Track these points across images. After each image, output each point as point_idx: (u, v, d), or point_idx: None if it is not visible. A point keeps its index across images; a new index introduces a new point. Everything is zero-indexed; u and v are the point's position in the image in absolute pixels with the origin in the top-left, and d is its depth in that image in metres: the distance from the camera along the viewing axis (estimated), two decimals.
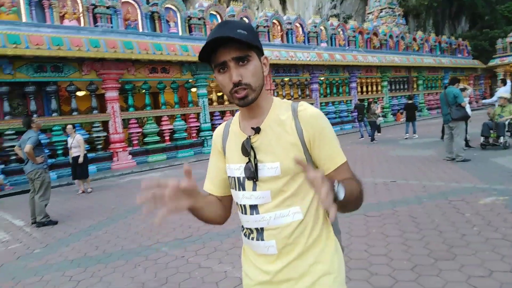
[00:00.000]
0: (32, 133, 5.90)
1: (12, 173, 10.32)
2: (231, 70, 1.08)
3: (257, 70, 1.11)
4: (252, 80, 1.09)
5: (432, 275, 2.98)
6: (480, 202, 4.82)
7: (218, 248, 4.10)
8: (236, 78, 1.07)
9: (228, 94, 1.12)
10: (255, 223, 1.16)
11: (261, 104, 1.17)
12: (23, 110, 11.40)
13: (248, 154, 1.14)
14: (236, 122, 1.25)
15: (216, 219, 1.25)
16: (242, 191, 1.17)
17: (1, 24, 10.02)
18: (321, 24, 19.82)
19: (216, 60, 1.09)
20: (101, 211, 6.51)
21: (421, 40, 26.51)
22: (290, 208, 1.12)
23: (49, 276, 3.76)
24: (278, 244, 1.12)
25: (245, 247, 1.27)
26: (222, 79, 1.10)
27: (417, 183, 6.30)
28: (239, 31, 1.05)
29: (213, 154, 1.32)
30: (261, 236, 1.15)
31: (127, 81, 12.68)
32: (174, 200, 0.99)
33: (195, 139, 14.46)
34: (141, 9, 13.09)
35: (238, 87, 1.08)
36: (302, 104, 1.18)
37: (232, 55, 1.06)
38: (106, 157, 12.22)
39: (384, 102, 22.89)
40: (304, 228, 1.13)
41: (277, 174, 1.11)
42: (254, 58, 1.10)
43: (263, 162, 1.13)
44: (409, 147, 11.07)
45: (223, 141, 1.27)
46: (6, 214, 7.12)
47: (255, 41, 1.10)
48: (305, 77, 18.65)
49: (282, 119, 1.15)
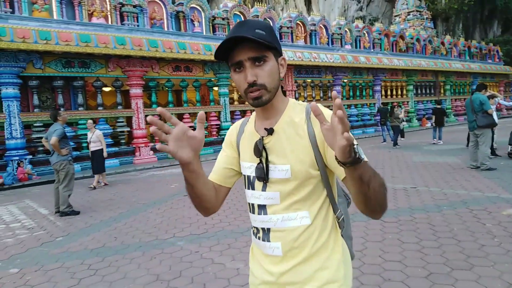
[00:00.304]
0: (58, 126, 6.13)
1: (39, 163, 10.74)
2: (246, 70, 1.08)
3: (273, 71, 1.10)
4: (267, 81, 1.08)
5: (447, 284, 2.92)
6: (503, 213, 4.67)
7: (232, 245, 4.14)
8: (250, 78, 1.06)
9: (243, 94, 1.12)
10: (262, 223, 1.16)
11: (276, 105, 1.16)
12: (51, 104, 11.83)
13: (260, 154, 1.14)
14: (252, 121, 1.25)
15: (206, 202, 1.19)
16: (252, 190, 1.18)
17: (33, 21, 10.43)
18: (346, 26, 19.61)
19: (233, 59, 1.09)
20: (122, 204, 6.69)
21: (450, 44, 25.82)
22: (298, 212, 1.11)
23: (70, 263, 3.92)
24: (284, 246, 1.12)
25: (253, 245, 1.27)
26: (238, 79, 1.11)
27: (438, 191, 6.16)
28: (257, 31, 1.05)
29: (224, 146, 1.32)
30: (267, 237, 1.15)
31: (151, 79, 12.96)
32: (178, 141, 0.99)
33: (215, 137, 14.61)
34: (166, 8, 13.33)
35: (252, 87, 1.07)
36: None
37: (248, 55, 1.06)
38: (128, 151, 12.53)
39: (410, 106, 22.42)
40: (311, 233, 1.11)
41: (287, 176, 1.10)
42: (271, 58, 1.09)
43: (274, 164, 1.12)
44: (432, 153, 10.81)
45: (238, 137, 1.27)
46: (33, 202, 7.43)
47: (273, 41, 1.09)
48: (328, 78, 18.51)
49: (295, 121, 1.14)
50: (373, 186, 0.94)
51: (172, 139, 0.98)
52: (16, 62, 10.11)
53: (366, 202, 0.97)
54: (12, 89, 10.16)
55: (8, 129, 10.18)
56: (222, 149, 1.33)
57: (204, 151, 13.97)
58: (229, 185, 1.28)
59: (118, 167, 11.80)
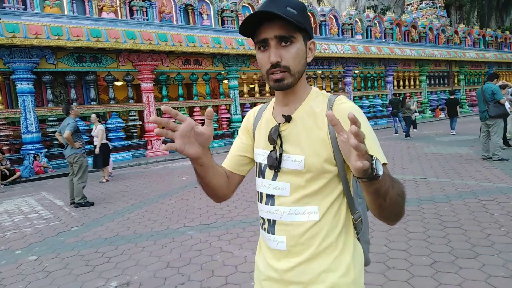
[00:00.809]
0: (70, 120, 6.29)
1: (54, 157, 11.02)
2: (271, 49, 1.01)
3: (299, 54, 1.03)
4: (292, 63, 1.01)
5: (450, 272, 2.96)
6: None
7: (240, 234, 4.24)
8: (274, 59, 1.00)
9: (264, 75, 1.06)
10: (268, 214, 1.10)
11: (298, 92, 1.10)
12: (65, 98, 12.09)
13: (274, 142, 1.09)
14: (270, 107, 1.19)
15: (217, 191, 1.17)
16: (262, 179, 1.13)
17: (45, 17, 10.62)
18: (357, 16, 19.37)
19: (258, 36, 1.03)
20: (135, 195, 6.86)
21: (464, 33, 25.27)
22: (306, 207, 1.04)
23: (84, 252, 4.07)
24: (288, 241, 1.06)
25: (260, 239, 1.21)
26: (261, 58, 1.04)
27: (448, 181, 6.14)
28: (288, 8, 0.97)
29: (240, 132, 1.28)
30: (272, 229, 1.09)
31: (162, 72, 13.09)
32: (185, 138, 0.96)
33: (226, 130, 14.72)
34: (175, 2, 13.40)
35: (275, 68, 1.01)
36: (341, 99, 1.08)
37: (275, 33, 0.99)
38: (141, 145, 12.74)
39: (423, 97, 22.14)
40: (318, 231, 1.04)
41: (300, 168, 1.04)
42: (299, 40, 1.02)
43: (288, 153, 1.06)
44: (444, 144, 10.71)
45: (254, 123, 1.22)
46: (49, 194, 7.66)
47: (305, 22, 1.01)
48: (338, 70, 18.38)
49: (315, 112, 1.07)
50: (390, 197, 0.88)
51: (179, 136, 0.95)
52: (29, 58, 10.34)
53: (381, 211, 0.92)
54: (27, 84, 10.41)
55: (24, 124, 10.46)
56: (238, 135, 1.28)
57: (215, 144, 14.10)
58: (242, 173, 1.24)
59: (130, 160, 12.03)
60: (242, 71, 14.86)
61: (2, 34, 9.40)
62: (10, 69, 10.22)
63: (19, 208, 6.54)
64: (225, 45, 13.38)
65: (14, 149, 11.00)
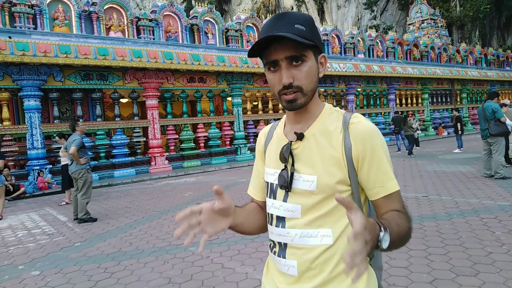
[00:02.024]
0: (76, 136, 6.40)
1: (58, 173, 11.08)
2: (282, 70, 0.98)
3: (311, 72, 1.00)
4: (304, 83, 0.99)
5: None
6: None
7: (241, 251, 4.26)
8: (286, 81, 0.97)
9: (276, 95, 1.03)
10: (279, 237, 1.05)
11: (310, 109, 1.06)
12: (71, 115, 12.28)
13: (286, 160, 1.05)
14: (281, 125, 1.15)
15: (255, 231, 1.17)
16: (272, 199, 1.08)
17: (54, 35, 10.92)
18: (359, 35, 19.69)
19: (268, 57, 1.00)
20: (137, 211, 6.90)
21: (465, 52, 25.55)
22: (319, 229, 0.99)
23: (87, 267, 4.10)
24: (300, 266, 1.00)
25: (269, 259, 1.16)
26: (272, 79, 1.01)
27: (450, 199, 6.14)
28: (297, 26, 0.95)
29: (256, 155, 1.24)
30: (283, 253, 1.04)
31: (167, 90, 13.31)
32: (212, 223, 0.97)
33: (229, 147, 14.81)
34: (181, 21, 13.73)
35: (288, 89, 0.99)
36: (357, 116, 1.04)
37: (286, 53, 0.97)
38: (144, 161, 12.84)
39: (425, 115, 22.24)
40: (331, 255, 0.99)
41: (312, 189, 0.99)
42: (310, 58, 1.00)
43: (300, 173, 1.02)
44: (447, 162, 10.72)
45: (266, 142, 1.18)
46: (52, 210, 7.72)
47: (314, 37, 0.98)
48: (341, 88, 18.58)
49: (329, 130, 1.03)
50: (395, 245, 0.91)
51: (206, 225, 0.95)
52: (37, 75, 10.58)
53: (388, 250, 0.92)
54: (34, 101, 10.62)
55: (29, 140, 10.62)
56: (255, 159, 1.25)
57: (218, 161, 14.17)
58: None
59: (134, 176, 12.09)
60: (245, 88, 15.07)
61: (12, 52, 9.66)
62: (19, 86, 10.46)
63: (23, 224, 6.60)
64: (229, 63, 13.62)
65: (19, 164, 11.12)
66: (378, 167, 0.99)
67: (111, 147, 12.25)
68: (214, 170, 12.79)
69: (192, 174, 12.19)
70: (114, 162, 12.12)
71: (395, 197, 1.00)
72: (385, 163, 1.00)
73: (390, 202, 1.00)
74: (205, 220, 0.95)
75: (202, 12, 14.14)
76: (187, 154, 13.73)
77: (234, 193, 7.98)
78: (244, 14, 15.87)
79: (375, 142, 1.00)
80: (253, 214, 1.17)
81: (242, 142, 14.87)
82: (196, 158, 13.90)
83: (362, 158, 0.98)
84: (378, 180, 0.99)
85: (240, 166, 13.28)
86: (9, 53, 9.63)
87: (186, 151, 13.74)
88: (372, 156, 0.99)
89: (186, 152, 13.73)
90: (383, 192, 0.99)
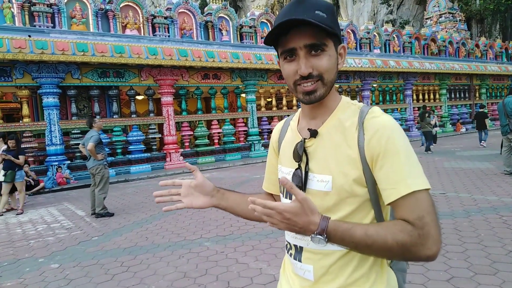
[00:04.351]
0: (94, 133, 6.52)
1: (76, 168, 11.36)
2: (300, 59, 0.91)
3: (331, 62, 0.93)
4: (325, 73, 0.92)
5: None
6: None
7: (255, 246, 4.28)
8: (305, 70, 0.90)
9: (291, 87, 0.95)
10: (295, 240, 1.01)
11: (327, 103, 0.99)
12: (88, 112, 12.51)
13: (299, 159, 0.98)
14: (295, 120, 1.09)
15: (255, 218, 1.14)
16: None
17: (72, 34, 11.11)
18: (375, 30, 19.39)
19: (284, 45, 0.92)
20: (153, 206, 6.99)
21: (485, 46, 24.88)
22: None
23: (104, 261, 4.19)
24: (316, 271, 0.96)
25: (285, 259, 1.13)
26: (288, 68, 0.93)
27: (468, 197, 6.02)
28: (317, 12, 0.87)
29: (269, 151, 1.21)
30: (299, 256, 1.00)
31: (181, 87, 13.41)
32: (190, 197, 1.12)
33: (243, 143, 14.84)
34: (196, 18, 13.78)
35: (307, 79, 0.91)
36: (374, 111, 0.95)
37: (305, 41, 0.89)
38: (160, 157, 12.99)
39: (443, 111, 21.81)
40: (349, 261, 0.93)
41: (327, 189, 0.93)
42: (330, 47, 0.92)
43: (314, 173, 0.96)
44: (465, 159, 10.50)
45: (280, 139, 1.13)
46: (71, 205, 7.90)
47: (335, 26, 0.91)
48: (356, 83, 18.36)
49: (345, 126, 0.95)
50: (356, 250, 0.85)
51: (182, 197, 1.12)
52: (56, 73, 10.80)
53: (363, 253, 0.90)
54: (52, 98, 10.85)
55: (48, 136, 10.86)
56: (268, 155, 1.22)
57: (232, 157, 14.22)
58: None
59: (150, 172, 12.26)
60: (259, 85, 15.06)
61: (31, 51, 9.88)
62: (38, 83, 10.70)
63: (43, 218, 6.77)
64: (244, 60, 13.62)
65: (39, 160, 11.40)
66: (391, 166, 0.87)
67: (127, 143, 12.43)
68: (228, 166, 12.84)
69: (207, 170, 12.28)
70: (130, 158, 12.30)
71: (410, 203, 0.85)
72: (401, 161, 0.87)
73: (402, 208, 0.85)
74: (183, 193, 1.11)
75: (216, 9, 14.16)
76: (202, 150, 13.83)
77: (248, 189, 8.00)
78: (258, 10, 15.81)
79: (391, 137, 0.89)
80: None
81: (256, 139, 14.88)
82: (211, 154, 13.98)
83: (376, 156, 0.89)
84: (390, 180, 0.87)
85: (254, 163, 13.30)
86: (28, 52, 9.85)
87: (200, 148, 13.84)
88: (386, 153, 0.88)
89: (201, 148, 13.83)
90: (394, 195, 0.86)
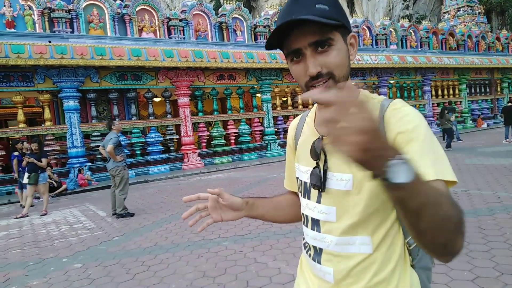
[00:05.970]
0: (113, 135, 6.64)
1: (97, 170, 11.60)
2: (307, 59, 0.86)
3: (341, 56, 0.87)
4: (335, 69, 0.86)
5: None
6: None
7: (274, 246, 4.28)
8: (313, 70, 0.85)
9: (303, 88, 0.90)
10: (314, 241, 0.96)
11: None
12: (107, 115, 12.76)
13: (317, 157, 0.93)
14: (312, 116, 1.04)
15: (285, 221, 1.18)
16: (307, 200, 0.98)
17: (90, 38, 11.36)
18: (391, 25, 19.09)
19: (289, 47, 0.88)
20: (172, 206, 7.08)
21: (506, 39, 24.15)
22: (357, 237, 0.88)
23: (125, 260, 4.27)
24: (336, 274, 0.91)
25: (302, 258, 1.09)
26: (296, 70, 0.89)
27: (492, 194, 5.85)
28: (318, 6, 0.83)
29: (287, 149, 1.18)
30: (319, 258, 0.95)
31: (197, 88, 13.53)
32: (218, 210, 1.06)
33: (259, 143, 14.86)
34: (210, 20, 13.88)
35: (317, 79, 0.86)
36: (395, 103, 0.89)
37: (309, 40, 0.84)
38: (177, 158, 13.14)
39: (463, 106, 21.30)
40: (370, 264, 0.88)
41: (347, 188, 0.88)
42: (338, 40, 0.86)
43: (332, 171, 0.90)
44: (487, 155, 10.22)
45: (296, 136, 1.09)
46: (92, 206, 8.07)
47: (340, 17, 0.86)
48: (373, 80, 18.12)
49: None
50: (428, 219, 0.65)
51: (210, 212, 1.07)
52: (75, 77, 11.06)
53: (417, 234, 0.69)
54: (73, 102, 11.13)
55: (70, 139, 11.14)
56: (287, 152, 1.19)
57: (248, 157, 14.25)
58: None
59: (168, 172, 12.42)
60: (274, 84, 15.04)
61: (52, 56, 10.15)
62: (58, 88, 10.98)
63: (65, 219, 6.95)
64: (258, 60, 13.63)
65: (61, 163, 11.70)
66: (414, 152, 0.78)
67: (146, 144, 12.63)
68: (244, 166, 12.88)
69: (224, 170, 12.34)
70: (149, 159, 12.49)
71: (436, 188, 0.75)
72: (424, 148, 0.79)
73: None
74: (211, 206, 1.05)
75: (230, 10, 14.22)
76: (218, 150, 13.91)
77: (265, 188, 8.01)
78: (272, 9, 15.81)
79: (412, 124, 0.81)
80: (281, 206, 1.17)
81: (272, 138, 14.87)
82: (227, 154, 14.05)
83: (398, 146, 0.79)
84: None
85: (271, 162, 13.29)
86: (49, 57, 10.13)
87: (217, 148, 13.93)
88: (410, 141, 0.80)
89: (217, 148, 13.92)
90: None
